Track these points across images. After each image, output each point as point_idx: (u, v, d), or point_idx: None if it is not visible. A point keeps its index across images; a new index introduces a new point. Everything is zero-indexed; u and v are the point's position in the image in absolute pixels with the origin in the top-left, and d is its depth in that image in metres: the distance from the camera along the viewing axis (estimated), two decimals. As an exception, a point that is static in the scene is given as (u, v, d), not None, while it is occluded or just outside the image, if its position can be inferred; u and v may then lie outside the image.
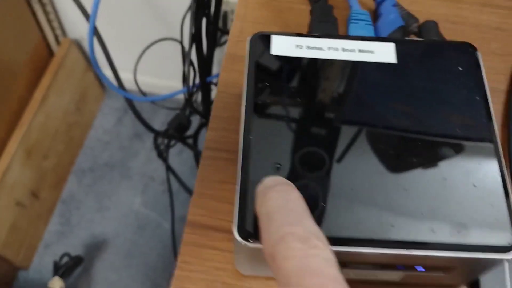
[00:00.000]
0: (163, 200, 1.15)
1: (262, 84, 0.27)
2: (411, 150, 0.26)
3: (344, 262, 0.25)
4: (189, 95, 0.54)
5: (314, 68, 0.28)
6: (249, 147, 0.25)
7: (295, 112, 0.26)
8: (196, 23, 0.45)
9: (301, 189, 0.24)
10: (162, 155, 0.72)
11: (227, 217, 0.30)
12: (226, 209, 0.30)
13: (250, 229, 0.23)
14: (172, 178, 0.94)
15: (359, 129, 0.26)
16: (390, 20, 0.31)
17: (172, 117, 0.72)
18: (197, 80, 0.62)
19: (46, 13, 1.01)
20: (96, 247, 1.09)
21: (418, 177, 0.25)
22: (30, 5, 0.97)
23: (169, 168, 0.79)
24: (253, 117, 0.26)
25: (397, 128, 0.26)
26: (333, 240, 0.23)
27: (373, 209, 0.24)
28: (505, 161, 0.26)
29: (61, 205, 1.14)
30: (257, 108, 0.26)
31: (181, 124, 0.67)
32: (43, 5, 0.99)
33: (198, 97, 0.82)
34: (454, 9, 0.38)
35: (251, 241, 0.23)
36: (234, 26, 0.36)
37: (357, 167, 0.25)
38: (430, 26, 0.30)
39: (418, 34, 0.32)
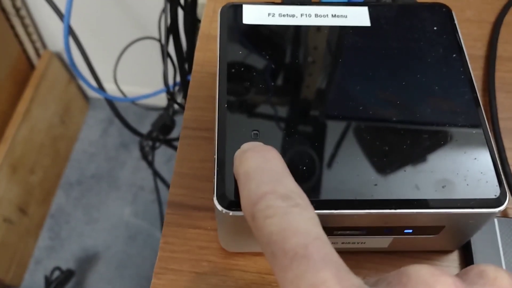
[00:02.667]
0: (153, 209, 1.13)
1: (235, 53, 0.27)
2: (392, 112, 0.25)
3: (330, 228, 0.25)
4: (169, 92, 0.54)
5: (287, 34, 0.27)
6: (225, 116, 0.25)
7: (270, 79, 0.26)
8: (171, 14, 0.44)
9: (281, 153, 0.24)
10: (147, 158, 0.71)
11: (209, 195, 0.29)
12: (207, 187, 0.29)
13: (231, 197, 0.23)
14: (162, 187, 0.93)
15: (339, 96, 0.26)
16: (363, -13, 0.31)
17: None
18: (178, 78, 0.61)
19: (25, 26, 1.00)
20: (87, 260, 1.07)
21: (399, 135, 0.24)
22: (8, 19, 0.96)
23: (156, 173, 0.78)
24: (228, 86, 0.26)
25: (375, 92, 0.26)
26: (317, 204, 0.23)
27: (355, 170, 0.23)
28: (487, 121, 0.26)
29: (50, 220, 1.12)
30: (231, 77, 0.26)
31: (165, 125, 0.66)
32: (21, 18, 0.98)
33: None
34: (428, -20, 0.38)
35: (233, 209, 0.23)
36: (207, 7, 0.36)
37: (337, 131, 0.25)
38: (403, -10, 0.30)
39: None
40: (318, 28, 0.28)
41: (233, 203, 0.23)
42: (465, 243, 0.28)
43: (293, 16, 0.28)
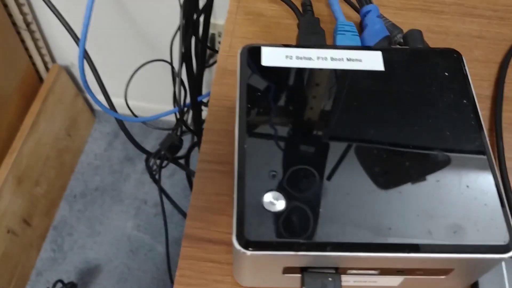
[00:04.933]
0: (156, 223, 1.14)
1: (254, 94, 0.28)
2: (404, 156, 0.26)
3: (343, 268, 0.25)
4: (181, 114, 0.55)
5: (304, 77, 0.29)
6: (244, 156, 0.26)
7: (288, 120, 0.27)
8: (185, 43, 0.45)
9: (298, 195, 0.25)
10: (155, 177, 0.72)
11: (224, 229, 0.30)
12: (223, 221, 0.30)
13: (249, 237, 0.23)
14: (164, 200, 0.93)
15: (353, 137, 0.27)
16: (376, 30, 0.32)
17: (163, 138, 0.72)
18: (188, 100, 0.62)
19: (34, 40, 1.02)
20: (89, 273, 1.07)
21: (412, 180, 0.25)
22: (18, 33, 0.98)
23: (162, 190, 0.78)
24: (247, 127, 0.27)
25: (389, 134, 0.27)
26: (333, 246, 0.24)
27: (370, 213, 0.24)
28: (495, 163, 0.27)
29: (53, 232, 1.12)
30: (250, 118, 0.27)
31: (173, 144, 0.67)
32: (31, 32, 1.00)
33: (188, 118, 0.83)
34: (436, 19, 0.39)
35: (250, 249, 0.23)
36: (223, 42, 0.37)
37: (352, 173, 0.25)
38: (415, 34, 0.31)
39: (402, 43, 0.33)
40: (334, 71, 0.29)
41: (251, 243, 0.23)
42: (473, 283, 0.29)
43: (309, 59, 0.29)
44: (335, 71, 0.29)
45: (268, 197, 0.24)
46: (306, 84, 0.28)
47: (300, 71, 0.29)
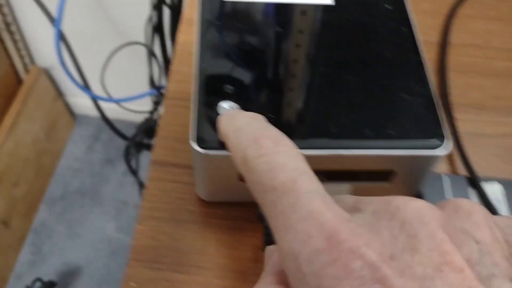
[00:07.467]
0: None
1: (212, 21, 0.30)
2: (348, 69, 0.29)
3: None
4: (157, 88, 0.57)
5: (260, 11, 0.31)
6: (201, 76, 0.28)
7: (242, 46, 0.30)
8: (157, 12, 0.48)
9: (251, 104, 0.27)
10: (131, 165, 0.74)
11: (187, 155, 0.32)
12: (186, 148, 0.32)
13: (204, 136, 0.26)
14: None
15: (304, 58, 0.29)
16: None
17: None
18: (163, 81, 0.64)
19: (14, 41, 1.03)
20: (69, 275, 1.07)
21: (352, 85, 0.28)
22: (-2, 34, 1.00)
23: (141, 185, 0.80)
24: (204, 49, 0.29)
25: (335, 52, 0.30)
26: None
27: (311, 115, 0.27)
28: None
29: (32, 234, 1.12)
30: (207, 42, 0.29)
31: (150, 127, 0.69)
32: (11, 33, 1.02)
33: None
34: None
35: (205, 148, 0.26)
36: (189, -5, 0.40)
37: (299, 86, 0.28)
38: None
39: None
40: (286, 5, 0.32)
41: (206, 141, 0.26)
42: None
43: (264, -6, 0.32)
44: (286, 5, 0.32)
45: (223, 104, 0.27)
46: (261, 18, 0.31)
47: (256, 5, 0.31)
